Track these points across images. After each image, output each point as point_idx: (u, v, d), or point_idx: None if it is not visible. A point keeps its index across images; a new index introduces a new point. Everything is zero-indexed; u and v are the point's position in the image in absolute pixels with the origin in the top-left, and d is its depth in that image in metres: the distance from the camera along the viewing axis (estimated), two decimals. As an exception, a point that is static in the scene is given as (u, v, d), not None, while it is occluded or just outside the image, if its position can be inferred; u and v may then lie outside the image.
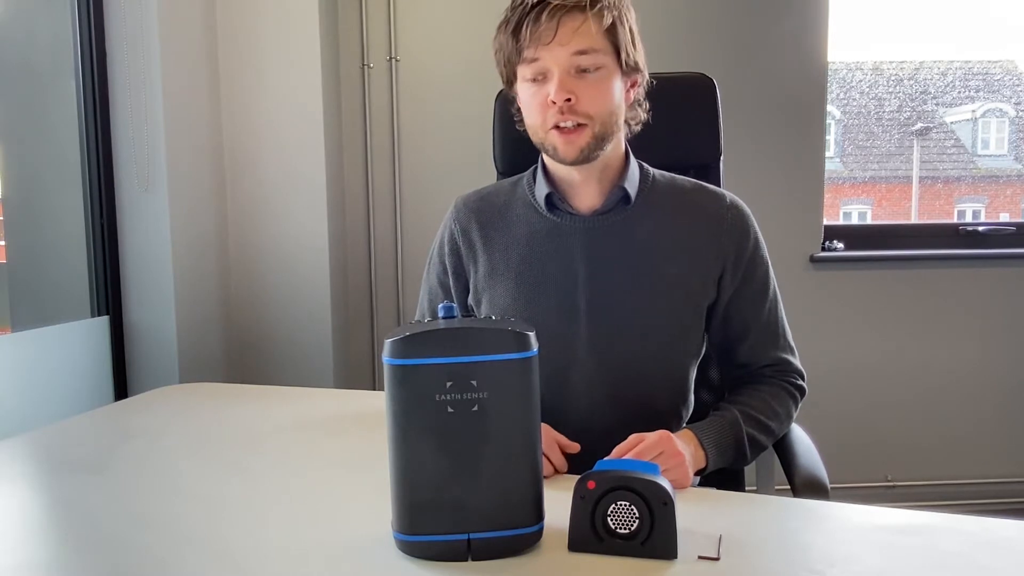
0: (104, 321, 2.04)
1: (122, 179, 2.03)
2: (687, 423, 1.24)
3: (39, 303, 2.07)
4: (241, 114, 2.26)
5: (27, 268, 2.07)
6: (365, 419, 1.27)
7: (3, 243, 2.04)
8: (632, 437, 1.03)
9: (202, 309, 2.17)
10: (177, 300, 2.05)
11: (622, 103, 1.17)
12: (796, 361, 1.26)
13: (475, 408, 0.78)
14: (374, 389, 2.45)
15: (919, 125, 2.99)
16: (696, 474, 1.09)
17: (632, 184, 1.21)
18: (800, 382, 1.25)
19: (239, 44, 2.24)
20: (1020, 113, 3.06)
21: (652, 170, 1.26)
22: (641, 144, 1.26)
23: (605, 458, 1.00)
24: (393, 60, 2.51)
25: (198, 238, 2.16)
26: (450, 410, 0.78)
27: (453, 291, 1.29)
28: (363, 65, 2.51)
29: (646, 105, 1.23)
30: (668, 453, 1.02)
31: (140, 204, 2.03)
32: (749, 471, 1.35)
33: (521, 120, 1.21)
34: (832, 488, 1.08)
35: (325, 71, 2.29)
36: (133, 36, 1.99)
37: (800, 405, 1.25)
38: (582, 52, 1.10)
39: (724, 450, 1.13)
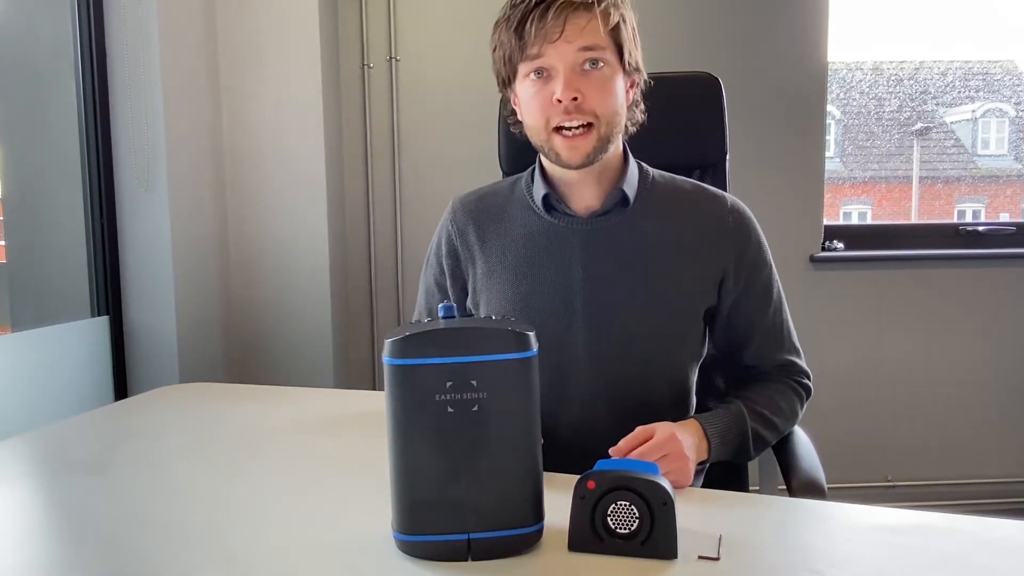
0: (104, 321, 2.04)
1: (122, 179, 2.03)
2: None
3: (39, 303, 2.07)
4: (241, 114, 2.26)
5: (27, 268, 2.07)
6: (365, 419, 1.27)
7: (3, 243, 2.04)
8: (639, 431, 1.03)
9: (202, 309, 2.17)
10: (177, 300, 2.05)
11: (624, 103, 1.16)
12: (802, 362, 1.26)
13: (475, 408, 0.78)
14: (374, 389, 2.45)
15: (919, 125, 2.99)
16: (699, 464, 1.09)
17: (631, 186, 1.20)
18: (806, 382, 1.25)
19: (239, 44, 2.24)
20: (1020, 113, 3.06)
21: (652, 171, 1.25)
22: (647, 144, 1.24)
23: (609, 453, 1.01)
24: (393, 60, 2.51)
25: (198, 238, 2.16)
26: (450, 410, 0.78)
27: (451, 292, 1.29)
28: (363, 65, 2.51)
29: (642, 106, 1.22)
30: (673, 455, 1.01)
31: (140, 204, 2.03)
32: (751, 472, 1.35)
33: (516, 122, 1.20)
34: (831, 488, 1.08)
35: (325, 71, 2.29)
36: (133, 36, 1.99)
37: (806, 405, 1.25)
38: (588, 49, 1.09)
39: (727, 443, 1.13)
